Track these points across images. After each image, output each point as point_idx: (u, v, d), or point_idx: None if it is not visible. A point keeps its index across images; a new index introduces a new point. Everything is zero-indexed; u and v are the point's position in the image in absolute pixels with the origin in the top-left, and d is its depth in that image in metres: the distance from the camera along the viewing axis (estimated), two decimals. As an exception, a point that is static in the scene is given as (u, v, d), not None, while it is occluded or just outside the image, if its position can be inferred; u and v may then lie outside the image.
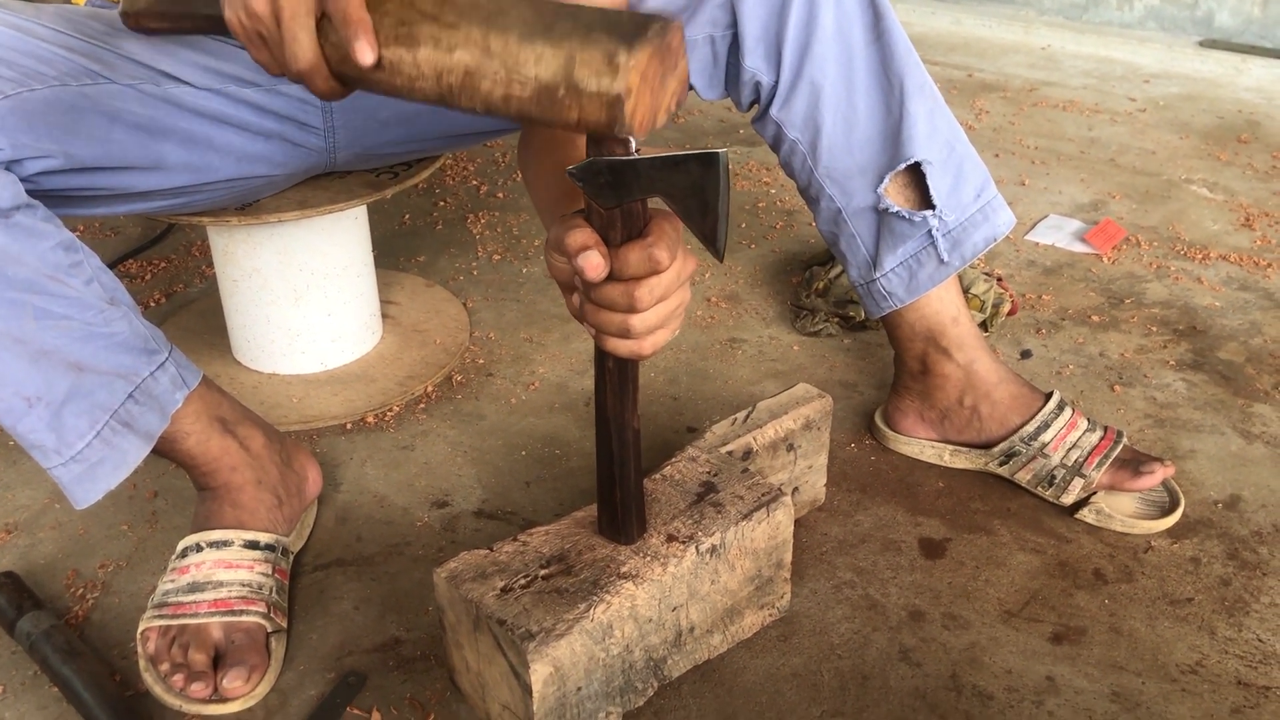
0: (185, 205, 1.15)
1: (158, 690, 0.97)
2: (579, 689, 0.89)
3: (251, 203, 1.24)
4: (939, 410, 1.26)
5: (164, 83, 1.06)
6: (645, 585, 0.91)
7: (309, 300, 1.39)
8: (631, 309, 0.76)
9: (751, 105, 1.20)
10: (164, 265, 1.79)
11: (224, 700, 0.97)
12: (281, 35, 0.74)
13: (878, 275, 1.21)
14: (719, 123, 2.41)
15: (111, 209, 1.07)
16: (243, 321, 1.42)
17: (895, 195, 1.17)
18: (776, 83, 1.14)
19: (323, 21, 0.74)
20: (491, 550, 0.95)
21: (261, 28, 0.75)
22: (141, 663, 0.99)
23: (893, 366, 1.32)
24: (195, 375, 1.04)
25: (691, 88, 1.20)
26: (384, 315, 1.55)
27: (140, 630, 1.00)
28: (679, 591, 0.94)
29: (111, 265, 1.75)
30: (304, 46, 0.74)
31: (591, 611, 0.88)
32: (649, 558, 0.93)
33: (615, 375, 0.87)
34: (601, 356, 0.86)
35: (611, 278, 0.76)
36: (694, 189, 0.70)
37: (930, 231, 1.17)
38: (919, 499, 1.23)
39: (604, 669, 0.91)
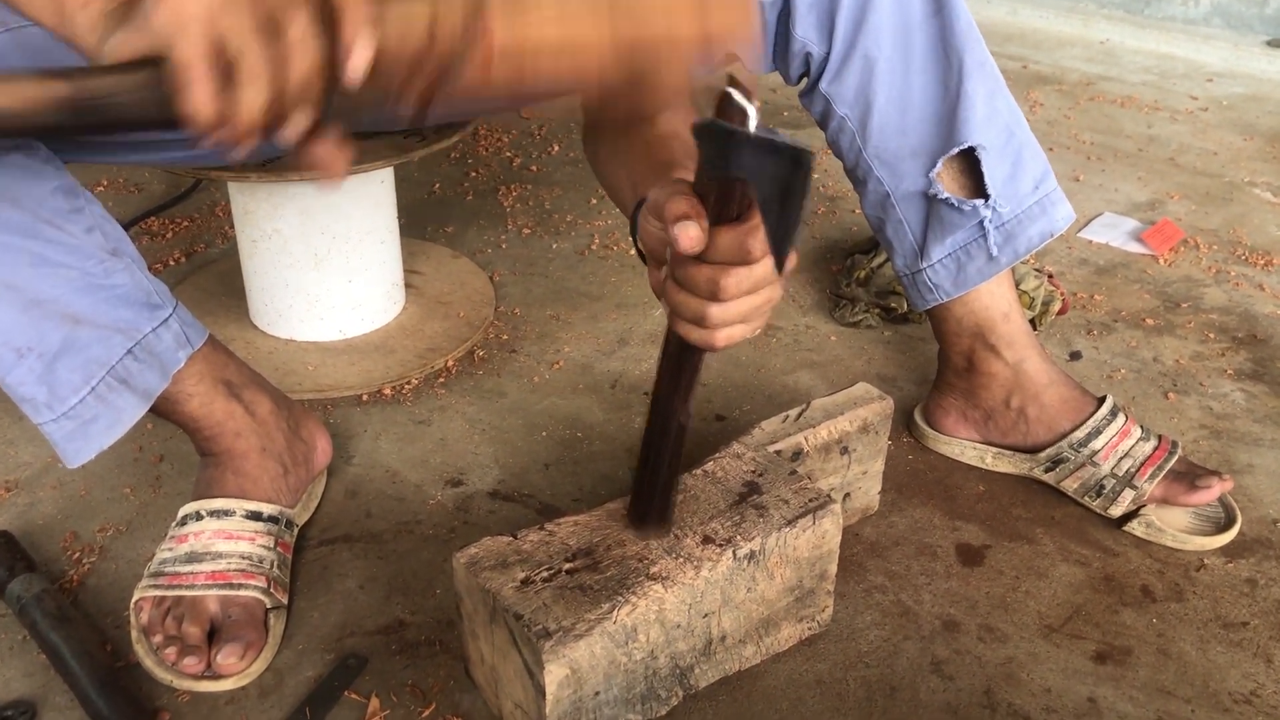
0: (201, 158, 1.10)
1: (149, 663, 0.93)
2: (596, 693, 0.84)
3: (273, 159, 1.19)
4: (983, 410, 1.19)
5: None
6: (675, 588, 0.85)
7: (329, 265, 1.34)
8: (714, 297, 0.70)
9: (800, 78, 1.13)
10: (186, 224, 1.75)
11: (217, 677, 0.92)
12: (278, 33, 0.58)
13: (924, 265, 1.14)
14: (764, 104, 2.33)
15: (123, 158, 1.02)
16: (261, 284, 1.38)
17: (947, 181, 1.10)
18: (828, 54, 1.07)
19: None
20: (515, 538, 0.89)
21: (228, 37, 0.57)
22: (134, 633, 0.95)
23: (935, 362, 1.25)
24: (201, 334, 0.99)
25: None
26: (408, 285, 1.50)
27: (135, 599, 0.96)
28: (711, 597, 0.88)
29: (134, 221, 1.72)
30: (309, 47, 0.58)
31: (615, 613, 0.82)
32: (681, 559, 0.87)
33: (675, 359, 0.80)
34: (669, 335, 0.80)
35: (700, 259, 0.70)
36: (778, 182, 0.63)
37: (982, 222, 1.10)
38: (958, 502, 1.16)
39: (625, 674, 0.85)
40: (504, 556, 0.87)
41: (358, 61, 0.58)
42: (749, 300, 0.71)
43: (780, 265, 0.65)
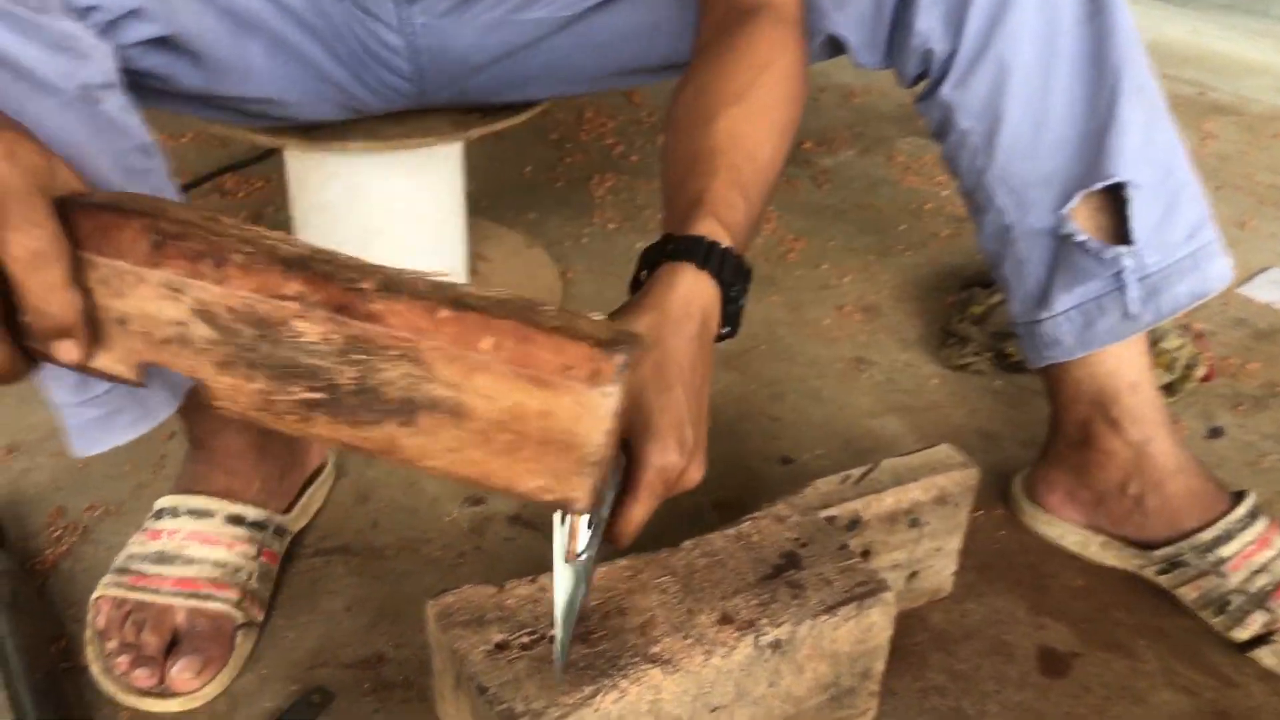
0: (255, 121, 1.01)
1: (95, 669, 0.84)
2: None
3: (316, 126, 1.08)
4: (1095, 492, 1.01)
5: None
6: (677, 676, 0.71)
7: (379, 245, 1.23)
8: None
9: (918, 79, 0.97)
10: (261, 185, 1.67)
11: (163, 695, 0.83)
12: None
13: (1045, 316, 0.97)
14: (899, 106, 2.15)
15: (182, 109, 0.93)
16: (311, 258, 1.28)
17: (1084, 220, 0.93)
18: (953, 54, 0.91)
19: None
20: (501, 589, 0.76)
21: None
22: (88, 633, 0.86)
23: (1047, 424, 1.07)
24: None
25: (843, 49, 0.98)
26: (472, 271, 1.39)
27: (95, 596, 0.87)
28: (723, 689, 0.74)
29: (209, 177, 1.66)
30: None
31: (599, 699, 0.69)
32: (691, 639, 0.73)
33: None
34: None
35: None
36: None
37: (1121, 273, 0.92)
38: (1049, 595, 0.99)
39: None
40: (483, 612, 0.74)
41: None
42: None
43: (558, 670, 0.67)
